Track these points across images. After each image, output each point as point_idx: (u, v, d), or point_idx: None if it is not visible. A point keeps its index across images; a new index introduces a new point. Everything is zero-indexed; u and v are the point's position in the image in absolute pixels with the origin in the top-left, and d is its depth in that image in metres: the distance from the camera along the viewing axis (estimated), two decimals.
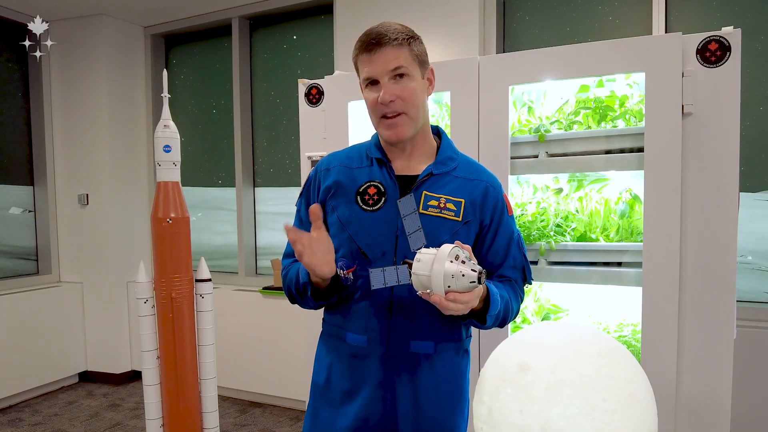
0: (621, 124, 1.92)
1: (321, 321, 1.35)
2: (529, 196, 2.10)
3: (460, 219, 1.20)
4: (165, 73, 0.91)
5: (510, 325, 1.94)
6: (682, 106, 1.65)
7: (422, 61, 1.20)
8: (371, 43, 1.15)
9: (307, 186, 1.33)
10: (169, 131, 0.90)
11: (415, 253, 1.04)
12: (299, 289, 1.23)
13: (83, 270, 4.05)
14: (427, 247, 1.05)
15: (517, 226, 1.37)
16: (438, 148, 1.29)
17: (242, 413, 3.52)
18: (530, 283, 1.33)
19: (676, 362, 1.67)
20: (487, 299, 1.13)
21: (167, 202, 0.89)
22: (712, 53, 1.63)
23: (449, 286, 0.98)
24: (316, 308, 1.29)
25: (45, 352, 3.79)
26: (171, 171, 0.90)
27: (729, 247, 1.64)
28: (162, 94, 0.85)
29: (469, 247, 1.05)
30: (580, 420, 0.70)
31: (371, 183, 1.23)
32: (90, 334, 4.06)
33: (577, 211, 2.00)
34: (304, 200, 1.33)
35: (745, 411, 2.28)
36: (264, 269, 3.99)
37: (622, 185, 1.97)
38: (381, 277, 1.06)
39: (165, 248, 0.89)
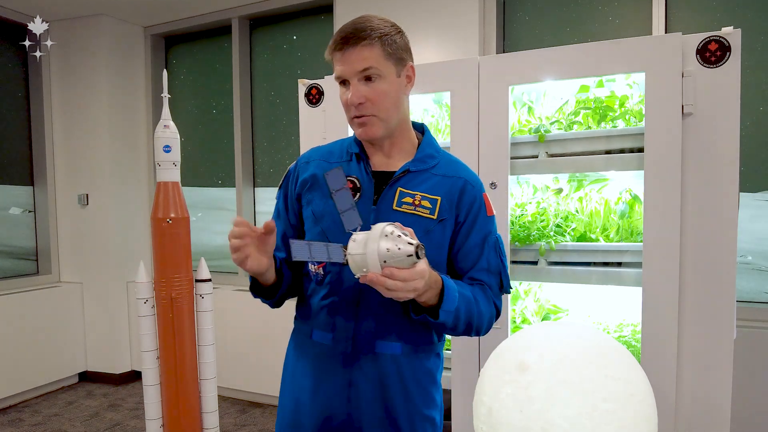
0: (621, 125, 1.92)
1: None
2: (529, 196, 2.10)
3: (435, 217, 1.17)
4: (165, 73, 0.91)
5: (510, 326, 1.94)
6: (682, 106, 1.65)
7: (399, 58, 1.15)
8: (341, 41, 1.12)
9: (287, 178, 1.32)
10: (169, 131, 0.90)
11: (350, 234, 0.99)
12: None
13: (83, 270, 4.05)
14: (363, 229, 0.99)
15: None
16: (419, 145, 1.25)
17: (242, 413, 3.52)
18: (508, 292, 1.25)
19: (676, 362, 1.67)
20: (442, 294, 1.07)
21: (167, 202, 0.89)
22: (712, 53, 1.63)
23: (385, 262, 0.93)
24: (268, 303, 1.28)
25: (45, 352, 3.79)
26: (171, 171, 0.90)
27: (729, 247, 1.64)
28: (162, 94, 0.85)
29: (411, 230, 0.99)
30: (580, 420, 0.70)
31: (347, 178, 1.20)
32: (90, 334, 4.06)
33: (577, 211, 2.00)
34: (283, 192, 1.32)
35: (745, 411, 2.28)
36: None
37: (622, 185, 1.97)
38: (306, 250, 0.95)
39: (165, 248, 0.89)
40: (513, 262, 1.99)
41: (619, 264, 1.89)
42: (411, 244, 0.92)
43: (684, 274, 1.69)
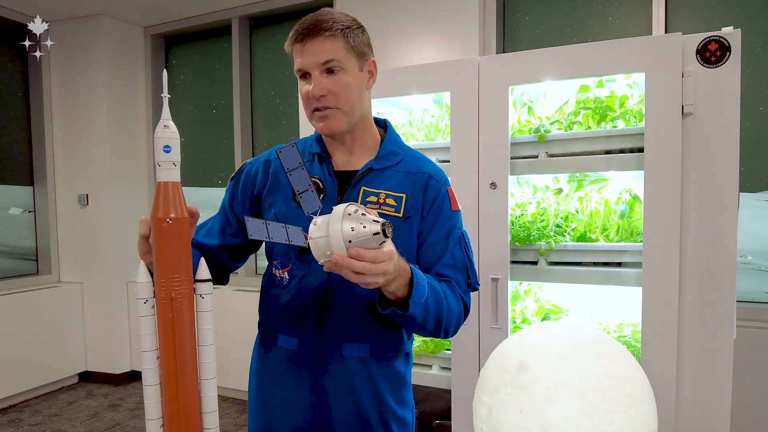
0: (621, 125, 1.92)
1: None
2: (529, 196, 2.11)
3: (400, 215, 1.14)
4: (165, 73, 0.91)
5: (510, 326, 1.94)
6: (682, 106, 1.65)
7: (361, 52, 1.13)
8: (302, 33, 1.09)
9: (244, 174, 1.27)
10: (169, 131, 0.90)
11: (311, 217, 0.92)
12: None
13: (83, 270, 4.05)
14: (323, 213, 0.92)
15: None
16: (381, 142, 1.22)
17: (242, 413, 3.52)
18: (476, 289, 1.21)
19: (676, 362, 1.67)
20: (411, 285, 1.01)
21: (167, 202, 0.89)
22: (712, 53, 1.63)
23: (350, 242, 0.86)
24: None
25: (45, 352, 3.79)
26: (171, 171, 0.90)
27: (729, 247, 1.64)
28: (162, 94, 0.84)
29: (374, 212, 0.93)
30: (580, 420, 0.70)
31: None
32: (90, 334, 4.06)
33: (577, 211, 2.01)
34: (233, 185, 1.28)
35: (745, 411, 2.28)
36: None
37: (622, 185, 1.98)
38: (263, 230, 0.88)
39: (165, 248, 0.89)
40: (513, 262, 1.99)
41: (619, 264, 1.89)
42: (377, 222, 0.86)
43: (684, 274, 1.69)
